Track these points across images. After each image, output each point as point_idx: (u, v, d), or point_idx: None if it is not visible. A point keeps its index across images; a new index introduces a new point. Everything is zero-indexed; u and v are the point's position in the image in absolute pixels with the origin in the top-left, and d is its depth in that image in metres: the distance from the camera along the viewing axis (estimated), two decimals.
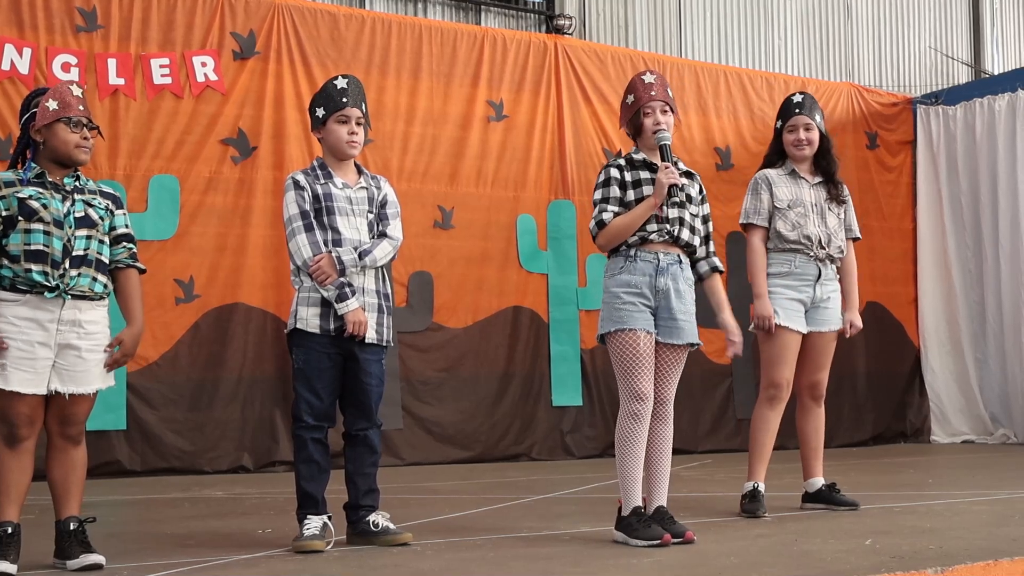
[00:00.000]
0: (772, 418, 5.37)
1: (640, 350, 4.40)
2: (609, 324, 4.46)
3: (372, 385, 4.54)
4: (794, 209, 5.35)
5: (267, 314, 8.53)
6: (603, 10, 10.97)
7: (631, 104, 4.68)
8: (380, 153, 9.02)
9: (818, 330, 5.39)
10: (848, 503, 5.32)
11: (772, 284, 5.35)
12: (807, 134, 5.41)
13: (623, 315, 4.42)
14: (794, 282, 5.34)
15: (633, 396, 4.40)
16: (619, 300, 4.44)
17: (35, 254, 4.00)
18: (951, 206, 11.17)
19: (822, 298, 5.38)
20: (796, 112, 5.44)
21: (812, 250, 5.33)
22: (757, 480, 5.26)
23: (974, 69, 13.17)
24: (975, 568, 3.65)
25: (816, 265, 5.35)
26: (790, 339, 5.32)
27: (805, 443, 5.50)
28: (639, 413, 4.40)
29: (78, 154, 4.15)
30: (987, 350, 10.86)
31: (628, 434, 4.42)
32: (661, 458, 4.56)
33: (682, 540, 4.31)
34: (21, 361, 3.95)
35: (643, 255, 4.48)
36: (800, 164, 5.48)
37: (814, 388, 5.47)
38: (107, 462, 7.81)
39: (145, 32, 8.30)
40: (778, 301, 5.32)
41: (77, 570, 3.97)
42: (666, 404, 4.55)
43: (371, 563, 4.03)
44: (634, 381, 4.39)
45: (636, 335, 4.40)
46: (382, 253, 4.57)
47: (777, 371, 5.34)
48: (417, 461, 8.85)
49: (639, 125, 4.63)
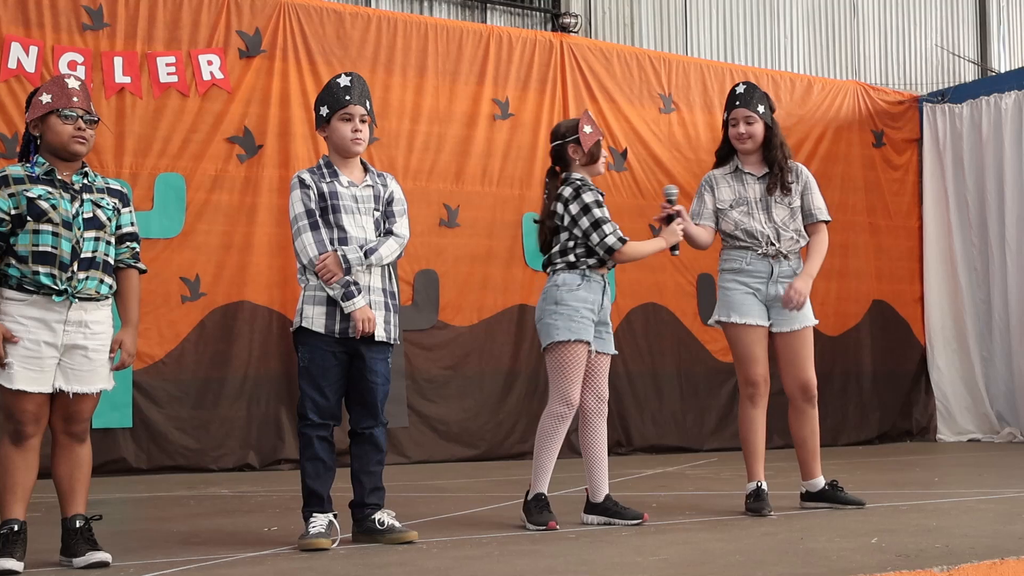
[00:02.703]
0: (756, 416, 5.30)
1: (581, 362, 4.91)
2: (567, 334, 4.86)
3: (378, 383, 4.55)
4: (736, 208, 5.33)
5: (273, 312, 8.54)
6: (609, 8, 10.97)
7: (591, 133, 5.07)
8: (386, 151, 9.02)
9: (785, 330, 5.31)
10: (853, 501, 5.28)
11: (726, 279, 5.38)
12: (748, 127, 5.32)
13: (580, 328, 4.87)
14: (747, 279, 5.32)
15: (566, 402, 4.89)
16: (579, 314, 4.88)
17: (43, 256, 4.01)
18: (957, 204, 11.16)
19: (778, 296, 5.29)
20: (736, 104, 5.37)
21: (761, 247, 5.29)
22: (758, 479, 5.22)
23: (981, 67, 13.14)
24: (981, 567, 3.64)
25: (768, 262, 5.31)
26: (751, 334, 5.28)
27: (801, 446, 5.40)
28: (566, 416, 4.90)
29: (72, 145, 4.12)
30: (993, 348, 10.84)
31: (551, 432, 4.91)
32: (602, 451, 5.02)
33: (639, 522, 4.83)
34: (27, 360, 3.95)
35: (595, 277, 4.97)
36: (747, 157, 5.41)
37: (805, 389, 5.34)
38: (113, 460, 7.84)
39: (151, 30, 8.31)
40: (732, 296, 5.32)
41: (83, 568, 3.97)
42: (605, 402, 5.08)
43: (376, 561, 4.03)
44: (571, 389, 4.89)
45: (584, 348, 4.90)
46: (388, 251, 4.57)
47: (750, 368, 5.28)
48: (422, 459, 8.86)
49: (596, 154, 5.09)
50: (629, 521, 4.87)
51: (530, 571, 3.78)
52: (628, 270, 9.88)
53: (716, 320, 5.45)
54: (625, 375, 9.77)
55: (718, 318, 5.41)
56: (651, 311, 10.07)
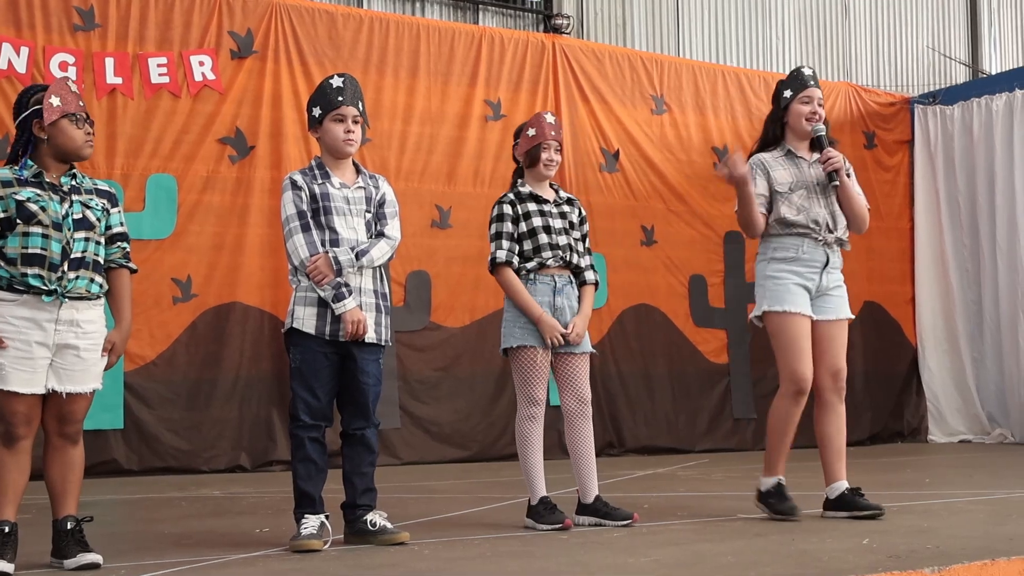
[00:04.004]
0: (796, 413, 4.99)
1: (537, 364, 4.94)
2: (513, 340, 4.95)
3: (370, 384, 4.54)
4: (796, 192, 5.06)
5: (264, 313, 8.53)
6: (601, 9, 10.97)
7: (532, 137, 5.13)
8: (378, 152, 9.02)
9: (826, 319, 5.06)
10: (872, 508, 4.93)
11: (776, 269, 5.03)
12: (821, 108, 5.17)
13: (524, 334, 4.92)
14: (800, 268, 5.02)
15: (532, 402, 4.95)
16: (523, 319, 4.93)
17: (33, 258, 3.99)
18: (948, 206, 11.18)
19: (828, 287, 5.08)
20: (810, 84, 5.16)
21: (820, 233, 5.04)
22: (780, 475, 5.00)
23: (972, 69, 13.17)
24: (972, 567, 3.65)
25: (824, 251, 5.07)
26: (801, 325, 4.97)
27: (826, 445, 5.07)
28: (536, 416, 4.96)
29: (85, 149, 4.16)
30: (984, 349, 10.87)
31: (527, 435, 4.97)
32: (589, 452, 5.03)
33: (629, 523, 4.83)
34: (19, 361, 3.94)
35: (541, 279, 4.98)
36: (800, 142, 5.17)
37: (836, 376, 5.05)
38: (104, 461, 7.81)
39: (143, 31, 8.29)
40: (782, 286, 4.99)
41: (74, 569, 3.96)
42: (587, 404, 5.05)
43: (368, 562, 4.03)
44: (534, 390, 4.94)
45: (536, 351, 4.93)
46: (379, 253, 4.57)
47: (798, 362, 4.94)
48: (414, 460, 8.85)
49: (536, 157, 5.13)
50: (619, 522, 4.87)
51: (522, 572, 3.79)
52: (620, 271, 9.90)
53: (762, 312, 5.06)
54: (617, 376, 9.77)
55: (766, 308, 5.02)
56: (643, 312, 10.07)
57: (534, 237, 5.01)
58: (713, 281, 10.44)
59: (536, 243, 5.00)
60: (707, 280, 10.42)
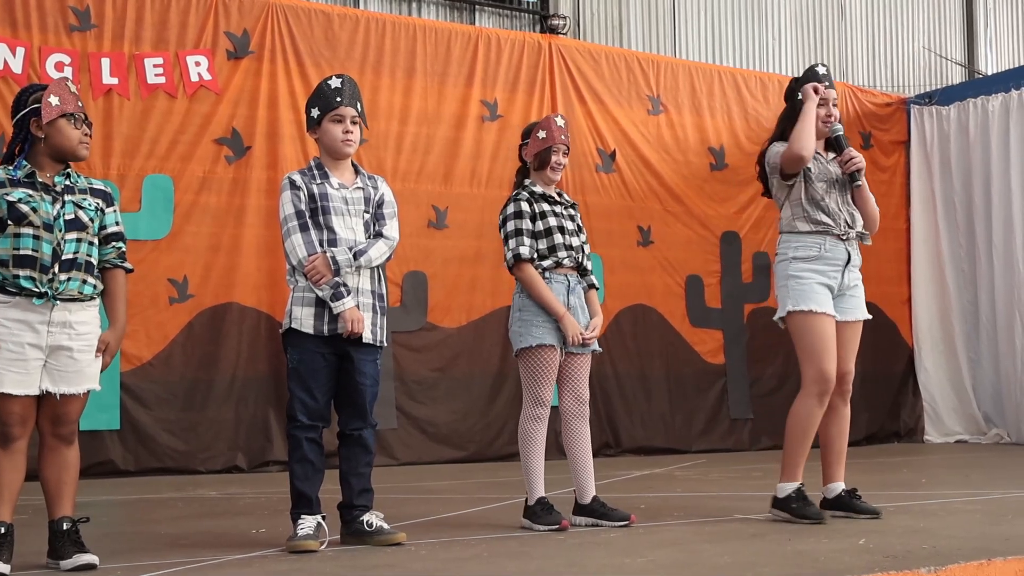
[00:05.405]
0: (819, 415, 4.94)
1: (552, 364, 4.95)
2: (530, 339, 4.93)
3: (367, 385, 4.55)
4: (818, 182, 5.03)
5: (261, 314, 8.52)
6: (597, 10, 10.97)
7: (543, 140, 5.14)
8: (374, 153, 9.01)
9: (844, 320, 5.03)
10: (870, 510, 4.98)
11: (799, 269, 4.97)
12: (835, 110, 5.15)
13: (543, 333, 4.92)
14: (823, 267, 4.97)
15: (540, 403, 4.96)
16: (539, 318, 4.93)
17: (23, 259, 3.99)
18: (945, 206, 11.19)
19: (849, 285, 5.04)
20: (826, 85, 5.12)
21: (840, 229, 5.00)
22: (800, 480, 4.93)
23: (968, 69, 13.19)
24: (968, 568, 3.66)
25: (845, 248, 5.01)
26: (827, 324, 4.92)
27: (828, 446, 5.10)
28: (542, 417, 4.97)
29: (81, 150, 4.15)
30: (980, 350, 10.88)
31: (531, 435, 4.97)
32: (586, 453, 5.06)
33: (626, 523, 4.84)
34: (12, 363, 3.94)
35: (556, 277, 5.00)
36: (819, 140, 5.12)
37: (843, 380, 5.03)
38: (101, 462, 7.81)
39: (139, 31, 8.29)
40: (807, 285, 4.93)
41: (70, 570, 3.96)
42: (585, 404, 5.08)
43: (365, 563, 4.03)
44: (542, 391, 4.95)
45: (553, 351, 4.94)
46: (377, 253, 4.57)
47: (825, 362, 4.88)
48: (411, 461, 8.85)
49: (546, 160, 5.15)
50: (616, 522, 4.88)
51: (519, 573, 3.79)
52: (616, 271, 9.90)
53: (788, 311, 4.98)
54: (614, 376, 9.77)
55: (791, 308, 4.96)
56: (640, 313, 10.08)
57: (550, 236, 5.02)
58: (710, 281, 10.45)
59: (552, 242, 5.01)
60: (704, 280, 10.43)
